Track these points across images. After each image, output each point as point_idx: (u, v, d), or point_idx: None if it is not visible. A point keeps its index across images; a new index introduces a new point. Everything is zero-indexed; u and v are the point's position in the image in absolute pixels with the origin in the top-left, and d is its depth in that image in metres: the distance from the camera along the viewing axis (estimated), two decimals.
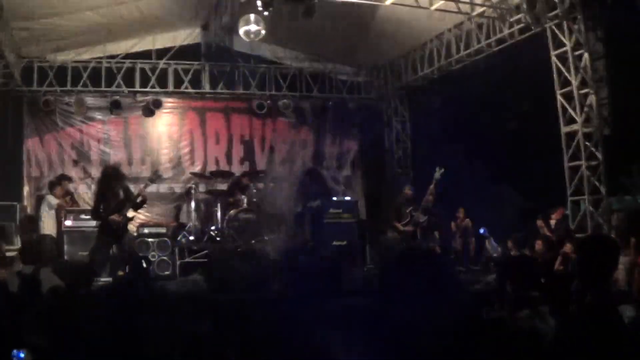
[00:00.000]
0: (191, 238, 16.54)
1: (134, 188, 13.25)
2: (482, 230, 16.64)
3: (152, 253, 15.59)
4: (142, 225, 16.49)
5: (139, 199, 12.66)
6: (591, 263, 4.88)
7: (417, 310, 2.23)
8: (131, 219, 12.64)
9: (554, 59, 13.89)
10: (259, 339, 3.92)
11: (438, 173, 14.79)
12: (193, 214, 17.17)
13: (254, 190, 17.20)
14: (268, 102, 19.71)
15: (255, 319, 4.36)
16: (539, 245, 12.70)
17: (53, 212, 15.74)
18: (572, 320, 4.67)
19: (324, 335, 1.79)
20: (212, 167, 19.15)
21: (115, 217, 12.08)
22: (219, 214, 16.77)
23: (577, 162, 13.61)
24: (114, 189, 12.29)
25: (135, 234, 15.38)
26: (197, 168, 19.17)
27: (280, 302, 5.03)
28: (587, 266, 4.95)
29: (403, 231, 14.87)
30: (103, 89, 18.47)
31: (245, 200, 16.42)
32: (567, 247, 12.00)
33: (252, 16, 14.37)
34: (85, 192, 17.78)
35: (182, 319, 4.13)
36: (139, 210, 13.93)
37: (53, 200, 15.79)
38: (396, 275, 2.51)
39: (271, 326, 4.24)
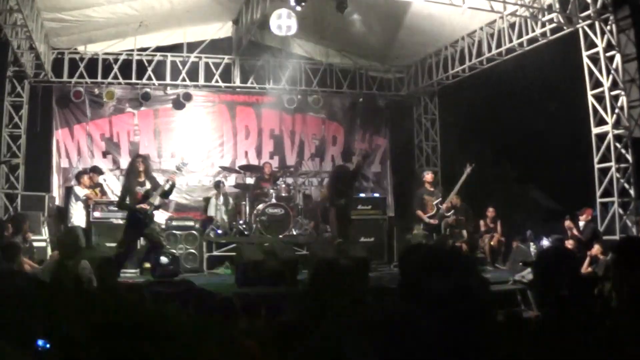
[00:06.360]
0: (219, 231, 16.52)
1: (162, 179, 13.24)
2: (528, 233, 16.51)
3: (180, 246, 15.63)
4: (171, 218, 16.56)
5: (167, 186, 12.58)
6: (627, 265, 4.83)
7: (437, 312, 2.23)
8: (158, 207, 12.60)
9: (585, 59, 13.81)
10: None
11: (469, 168, 14.58)
12: (221, 208, 17.18)
13: (283, 185, 17.17)
14: (298, 97, 19.77)
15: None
16: (570, 245, 12.62)
17: (81, 203, 15.76)
18: (602, 323, 4.62)
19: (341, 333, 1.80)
20: (241, 161, 19.18)
21: (142, 205, 12.05)
22: (247, 207, 16.75)
23: (606, 164, 13.54)
24: (140, 178, 12.29)
25: (163, 226, 15.46)
26: (226, 162, 19.23)
27: (305, 297, 5.04)
28: (622, 268, 4.90)
29: (428, 223, 14.67)
30: (133, 81, 18.57)
31: (273, 195, 16.38)
32: (595, 249, 11.93)
33: (284, 11, 14.44)
34: (115, 184, 17.84)
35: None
36: (167, 202, 13.94)
37: (81, 191, 15.79)
38: (417, 277, 2.50)
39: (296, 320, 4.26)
